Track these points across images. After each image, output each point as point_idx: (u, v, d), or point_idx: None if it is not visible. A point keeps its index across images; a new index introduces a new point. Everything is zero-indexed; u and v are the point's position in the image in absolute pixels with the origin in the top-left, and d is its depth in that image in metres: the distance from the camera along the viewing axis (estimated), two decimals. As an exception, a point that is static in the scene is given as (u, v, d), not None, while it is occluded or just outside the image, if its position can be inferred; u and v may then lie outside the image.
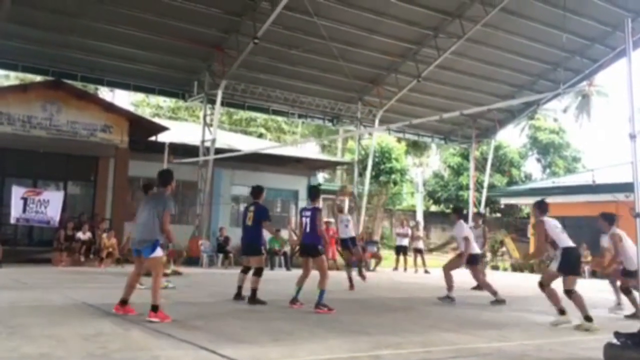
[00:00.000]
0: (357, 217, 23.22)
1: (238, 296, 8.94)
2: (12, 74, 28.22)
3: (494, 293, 10.10)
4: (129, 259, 15.54)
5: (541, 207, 7.74)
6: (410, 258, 19.42)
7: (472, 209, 25.34)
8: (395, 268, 19.30)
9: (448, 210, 36.01)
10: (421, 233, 20.94)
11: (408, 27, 19.33)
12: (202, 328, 6.26)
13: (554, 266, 7.30)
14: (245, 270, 9.14)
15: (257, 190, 9.31)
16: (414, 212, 33.71)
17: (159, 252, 6.83)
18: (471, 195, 26.42)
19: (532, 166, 38.54)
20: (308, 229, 8.42)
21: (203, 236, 18.91)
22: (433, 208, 37.69)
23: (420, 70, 20.92)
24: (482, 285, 10.56)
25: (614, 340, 5.32)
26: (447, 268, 10.21)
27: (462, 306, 9.71)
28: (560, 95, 36.95)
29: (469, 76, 22.40)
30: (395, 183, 33.47)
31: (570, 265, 7.47)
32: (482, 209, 26.25)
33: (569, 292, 7.47)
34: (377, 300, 10.14)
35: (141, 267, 7.10)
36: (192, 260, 17.35)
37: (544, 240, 7.25)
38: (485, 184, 26.70)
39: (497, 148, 30.92)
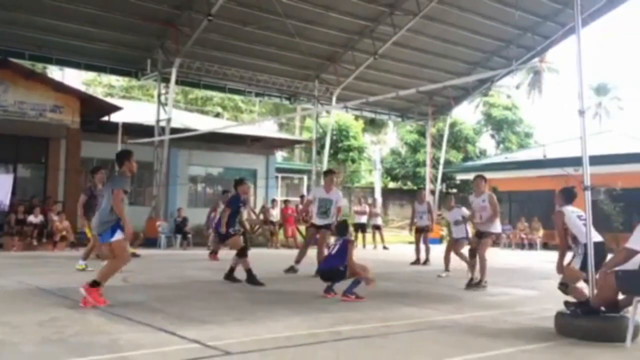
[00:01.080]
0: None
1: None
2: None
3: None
4: (84, 243, 15.27)
5: (565, 195, 6.53)
6: (369, 235, 19.66)
7: (428, 185, 25.73)
8: (355, 245, 19.48)
9: (405, 187, 36.57)
10: (379, 210, 21.19)
11: (364, 4, 19.27)
12: (161, 310, 6.20)
13: (576, 263, 6.13)
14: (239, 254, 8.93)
15: (236, 182, 9.68)
16: (372, 189, 34.08)
17: (118, 235, 6.50)
18: (427, 171, 26.80)
19: (486, 142, 39.35)
20: (334, 252, 7.74)
21: (160, 217, 18.66)
22: (391, 185, 38.13)
23: (376, 48, 20.94)
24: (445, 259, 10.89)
25: (565, 310, 5.52)
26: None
27: (420, 281, 9.91)
28: (513, 72, 37.72)
29: (424, 53, 22.54)
30: (353, 161, 33.69)
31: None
32: (438, 185, 26.70)
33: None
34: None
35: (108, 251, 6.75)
36: (150, 242, 17.10)
37: (564, 235, 6.25)
38: (442, 161, 27.11)
39: (453, 125, 31.37)
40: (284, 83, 22.30)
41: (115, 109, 18.38)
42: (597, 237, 5.83)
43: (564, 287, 6.20)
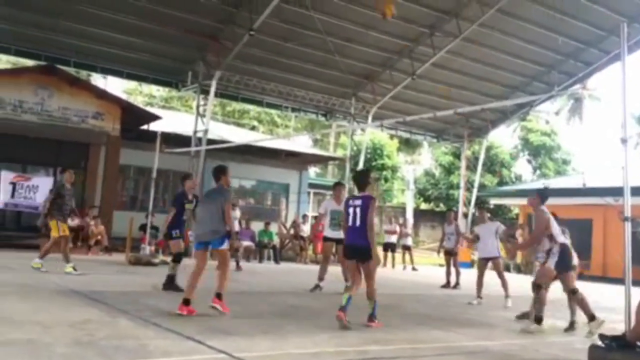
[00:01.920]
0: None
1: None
2: (4, 57, 27.92)
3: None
4: (117, 248, 15.53)
5: (544, 196, 7.29)
6: (398, 255, 19.50)
7: (461, 208, 25.44)
8: (383, 265, 19.35)
9: (438, 209, 36.23)
10: (410, 230, 21.00)
11: (405, 24, 19.30)
12: (189, 319, 6.25)
13: (551, 263, 6.86)
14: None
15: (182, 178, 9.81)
16: (404, 209, 33.83)
17: (226, 244, 6.91)
18: (461, 194, 26.50)
19: (522, 167, 38.82)
20: (357, 222, 6.59)
21: (192, 227, 18.84)
22: (423, 206, 37.81)
23: (415, 68, 20.92)
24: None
25: (599, 343, 5.37)
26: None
27: (450, 305, 9.76)
28: (553, 98, 37.14)
29: (463, 75, 22.43)
30: (386, 180, 33.56)
31: (566, 262, 7.07)
32: (472, 209, 26.36)
33: (574, 291, 7.10)
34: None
35: (205, 262, 6.94)
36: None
37: (543, 231, 6.82)
38: (476, 184, 26.79)
39: (489, 148, 31.02)
40: (321, 99, 22.43)
41: (155, 118, 18.71)
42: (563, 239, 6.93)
43: (537, 287, 6.87)
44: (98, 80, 31.69)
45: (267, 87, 20.86)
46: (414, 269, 18.77)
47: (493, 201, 29.91)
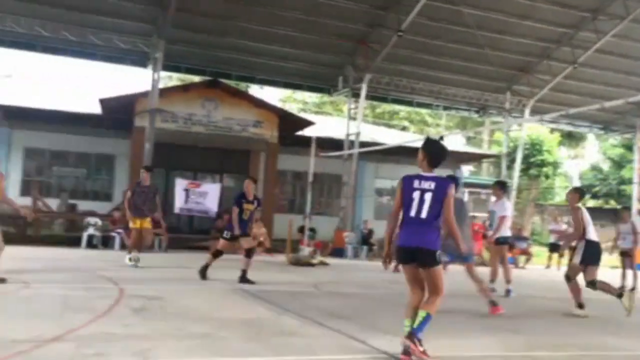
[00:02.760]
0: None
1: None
2: (175, 75, 30.65)
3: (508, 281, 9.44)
4: (278, 249, 16.29)
5: (582, 194, 8.26)
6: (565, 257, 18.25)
7: (635, 205, 23.23)
8: (548, 266, 18.25)
9: (608, 206, 33.40)
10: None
11: (564, 10, 18.10)
12: (352, 318, 6.38)
13: (577, 259, 7.61)
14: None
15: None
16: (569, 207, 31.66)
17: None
18: (635, 190, 24.19)
19: None
20: (423, 213, 4.54)
21: (348, 228, 19.24)
22: (590, 203, 35.06)
23: (576, 56, 19.52)
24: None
25: None
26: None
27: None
28: None
29: (633, 60, 20.48)
30: (547, 176, 31.62)
31: (592, 257, 7.62)
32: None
33: (592, 283, 7.54)
34: (529, 299, 9.66)
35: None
36: (337, 252, 17.74)
37: (581, 228, 7.59)
38: (652, 178, 24.33)
39: (666, 138, 27.96)
40: (473, 96, 21.77)
41: (309, 123, 19.40)
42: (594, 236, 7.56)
43: (568, 278, 7.64)
44: (254, 90, 33.61)
45: (417, 86, 20.70)
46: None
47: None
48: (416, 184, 4.62)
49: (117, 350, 4.31)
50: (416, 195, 4.57)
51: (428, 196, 4.54)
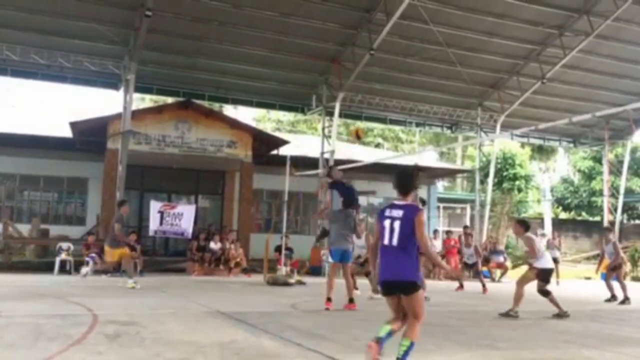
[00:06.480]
0: (480, 226, 22.57)
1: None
2: (147, 96, 30.48)
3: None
4: (255, 269, 16.21)
5: (526, 227, 9.39)
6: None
7: (607, 216, 23.67)
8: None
9: (580, 218, 33.96)
10: (557, 242, 19.65)
11: (531, 27, 18.52)
12: (329, 338, 6.34)
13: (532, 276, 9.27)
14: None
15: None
16: (542, 219, 32.10)
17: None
18: (605, 201, 24.67)
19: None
20: (395, 240, 4.65)
21: (324, 246, 19.18)
22: (563, 215, 35.63)
23: (544, 72, 19.96)
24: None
25: None
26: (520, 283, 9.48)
27: (602, 321, 9.07)
28: None
29: (599, 74, 21.02)
30: (520, 190, 32.08)
31: (545, 279, 9.36)
32: (619, 216, 24.42)
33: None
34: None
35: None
36: (314, 270, 17.67)
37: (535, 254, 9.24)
38: (622, 190, 24.83)
39: (634, 150, 28.71)
40: (446, 112, 22.08)
41: (283, 142, 19.42)
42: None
43: (544, 294, 9.06)
44: (228, 110, 33.58)
45: (390, 103, 20.92)
46: (557, 283, 17.65)
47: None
48: (387, 212, 4.79)
49: (90, 379, 4.21)
50: (387, 223, 4.72)
51: (397, 224, 4.66)
